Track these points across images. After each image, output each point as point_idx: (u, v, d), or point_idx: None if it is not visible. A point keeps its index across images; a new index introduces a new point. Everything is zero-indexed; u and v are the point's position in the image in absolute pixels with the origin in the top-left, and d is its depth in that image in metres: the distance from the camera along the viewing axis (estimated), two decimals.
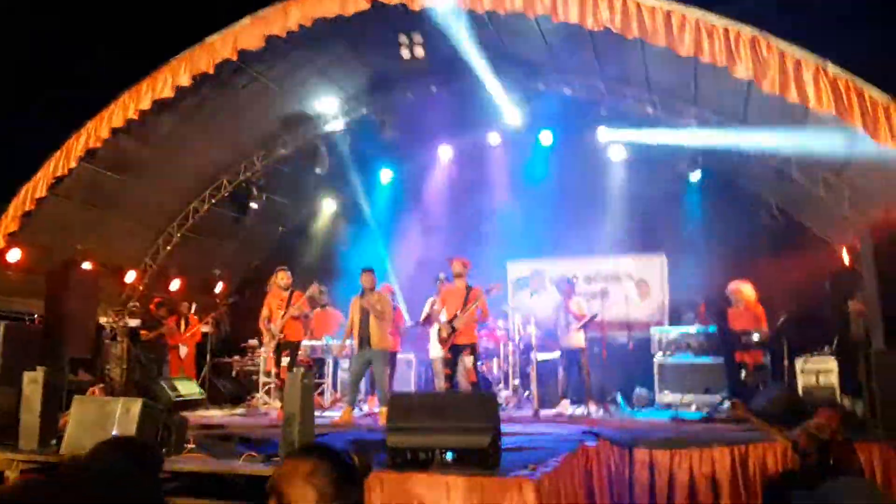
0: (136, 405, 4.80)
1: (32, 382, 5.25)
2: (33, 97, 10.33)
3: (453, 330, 7.83)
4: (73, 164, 8.90)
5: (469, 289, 8.03)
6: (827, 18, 8.03)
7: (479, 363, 8.17)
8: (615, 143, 10.18)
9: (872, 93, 6.35)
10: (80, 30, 10.29)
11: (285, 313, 8.15)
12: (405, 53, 8.82)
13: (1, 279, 9.45)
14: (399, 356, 9.76)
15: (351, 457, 1.96)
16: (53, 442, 5.11)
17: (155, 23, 10.08)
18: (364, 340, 7.79)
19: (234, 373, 11.33)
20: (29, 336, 9.01)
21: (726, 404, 7.36)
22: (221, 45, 8.29)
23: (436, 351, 8.83)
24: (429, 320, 9.10)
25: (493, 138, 11.24)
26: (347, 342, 8.33)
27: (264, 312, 8.34)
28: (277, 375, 8.26)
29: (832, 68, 6.48)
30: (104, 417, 4.79)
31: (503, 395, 9.12)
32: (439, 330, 8.03)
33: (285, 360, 8.14)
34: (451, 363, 7.91)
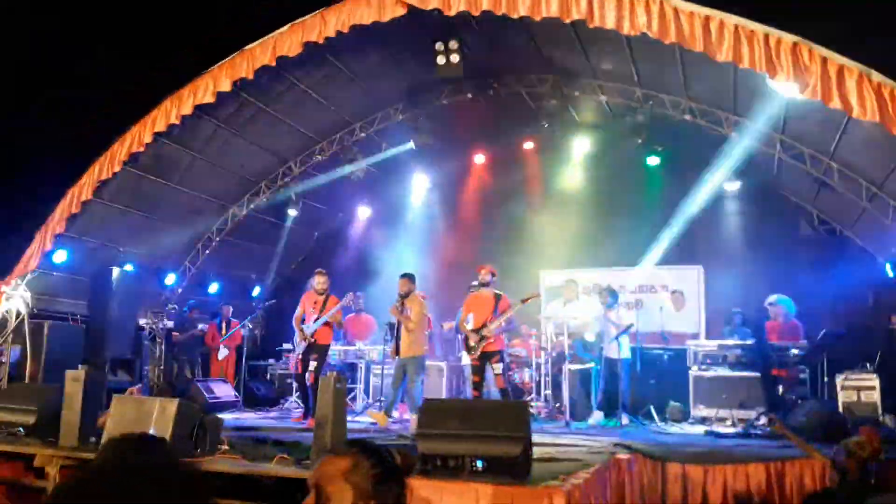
0: (173, 405, 4.89)
1: (74, 381, 5.38)
2: (38, 96, 10.51)
3: (482, 339, 7.81)
4: (117, 168, 9.12)
5: (498, 297, 8.01)
6: (864, 22, 7.85)
7: (507, 370, 8.12)
8: (652, 150, 10.05)
9: None
10: (80, 30, 10.46)
11: (318, 318, 8.21)
12: (441, 60, 8.86)
13: (47, 280, 9.73)
14: (430, 363, 9.77)
15: (393, 454, 1.97)
16: (93, 440, 5.23)
17: (156, 23, 10.23)
18: (396, 349, 7.88)
19: (268, 376, 11.48)
20: (72, 336, 9.30)
21: (762, 420, 7.22)
22: (261, 52, 8.43)
23: (467, 358, 8.81)
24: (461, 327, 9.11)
25: (528, 145, 11.22)
26: (385, 347, 8.43)
27: (298, 311, 8.43)
28: (301, 377, 8.27)
29: (876, 76, 6.33)
30: (142, 416, 4.89)
31: (535, 404, 9.06)
32: (466, 338, 8.00)
33: (313, 364, 8.14)
34: (479, 370, 7.88)
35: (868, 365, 7.56)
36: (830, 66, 6.46)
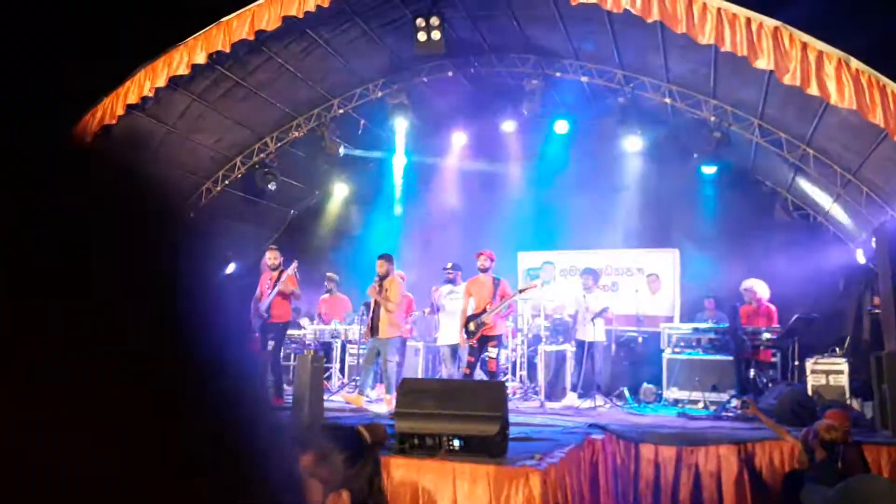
0: None
1: None
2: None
3: (482, 324, 7.80)
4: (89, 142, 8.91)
5: (497, 282, 8.00)
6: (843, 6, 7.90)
7: (497, 356, 8.10)
8: (631, 133, 10.07)
9: (895, 88, 6.27)
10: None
11: (272, 292, 7.98)
12: (422, 36, 8.75)
13: None
14: (408, 343, 9.75)
15: (361, 433, 1.94)
16: None
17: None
18: (373, 328, 7.78)
19: None
20: None
21: (734, 402, 7.33)
22: (238, 25, 8.27)
23: (444, 339, 8.82)
24: (435, 308, 9.11)
25: (508, 126, 11.16)
26: (358, 327, 8.31)
27: (256, 293, 8.16)
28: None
29: (855, 62, 6.40)
30: None
31: (510, 385, 9.11)
32: (467, 323, 7.97)
33: (270, 344, 7.80)
34: (476, 352, 7.86)
35: (837, 349, 7.70)
36: (810, 52, 6.51)
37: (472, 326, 7.84)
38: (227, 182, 11.46)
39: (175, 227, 0.45)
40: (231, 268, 12.74)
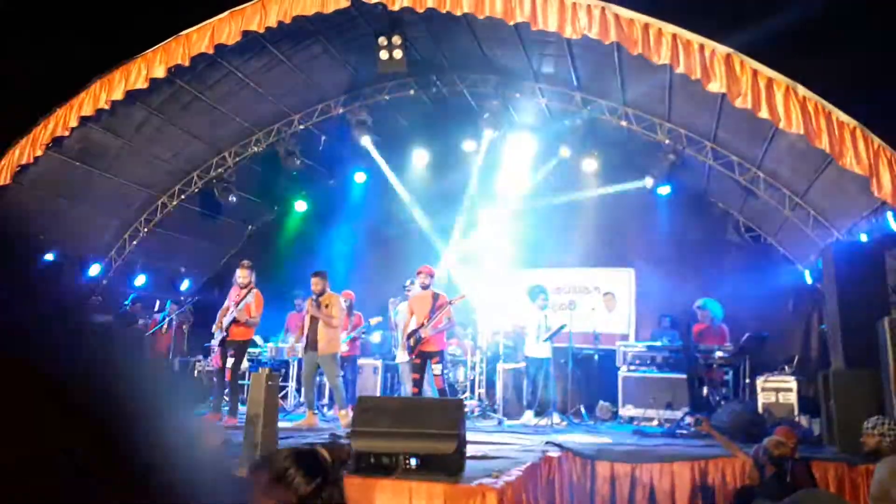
0: None
1: None
2: None
3: (420, 339, 7.82)
4: (38, 153, 8.70)
5: (436, 296, 8.04)
6: (798, 39, 8.24)
7: (445, 371, 8.15)
8: (588, 154, 10.24)
9: (840, 116, 6.52)
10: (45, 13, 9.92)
11: (232, 312, 7.75)
12: (384, 55, 8.79)
13: None
14: (363, 361, 9.69)
15: (319, 452, 1.91)
16: None
17: (124, 10, 9.77)
18: (311, 344, 7.70)
19: (196, 372, 11.14)
20: None
21: (688, 419, 7.45)
22: (198, 38, 8.19)
23: (402, 356, 8.80)
24: (392, 325, 9.10)
25: (468, 145, 11.24)
26: (298, 344, 8.25)
27: (225, 304, 8.01)
28: (221, 372, 7.85)
29: (802, 90, 6.64)
30: None
31: (469, 403, 9.11)
32: (408, 338, 8.00)
33: (230, 361, 7.71)
34: (419, 368, 7.89)
35: (786, 367, 7.90)
36: (760, 79, 6.73)
37: (411, 342, 7.87)
38: (183, 197, 11.28)
39: None
40: (185, 284, 12.50)
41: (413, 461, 4.12)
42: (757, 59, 6.83)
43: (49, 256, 9.62)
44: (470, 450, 4.56)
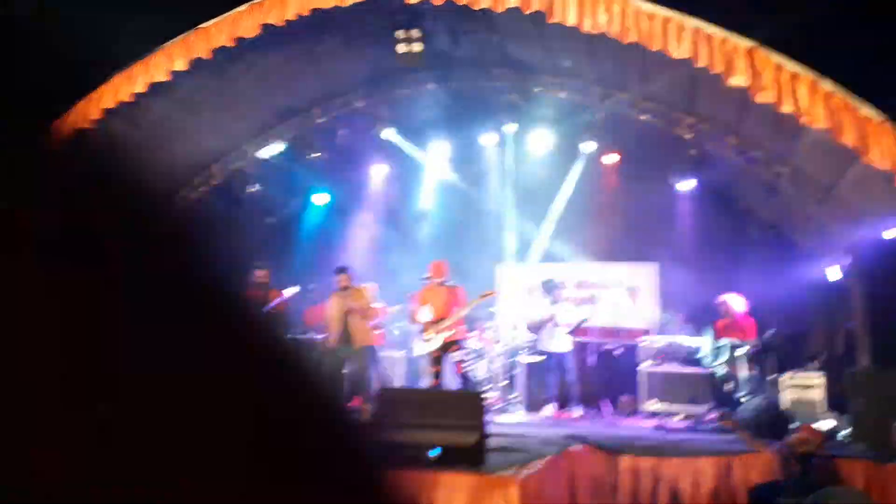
0: None
1: None
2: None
3: (441, 332, 7.81)
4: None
5: (453, 290, 8.04)
6: (822, 32, 8.10)
7: (465, 362, 8.14)
8: (609, 148, 10.16)
9: (866, 111, 6.39)
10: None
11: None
12: (402, 48, 8.76)
13: None
14: (384, 354, 9.69)
15: None
16: None
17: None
18: (344, 338, 7.74)
19: None
20: None
21: (711, 415, 7.37)
22: (217, 32, 8.21)
23: (420, 349, 8.80)
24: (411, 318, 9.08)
25: (488, 139, 11.20)
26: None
27: None
28: None
29: (826, 84, 6.52)
30: None
31: (490, 396, 9.08)
32: (424, 330, 8.00)
33: None
34: (438, 360, 7.89)
35: (812, 364, 7.78)
36: (784, 73, 6.62)
37: (431, 333, 7.85)
38: (204, 189, 11.33)
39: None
40: None
41: (435, 453, 4.11)
42: (781, 52, 6.73)
43: None
44: (491, 442, 4.54)
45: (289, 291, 8.27)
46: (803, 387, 7.42)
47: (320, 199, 12.66)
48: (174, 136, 10.16)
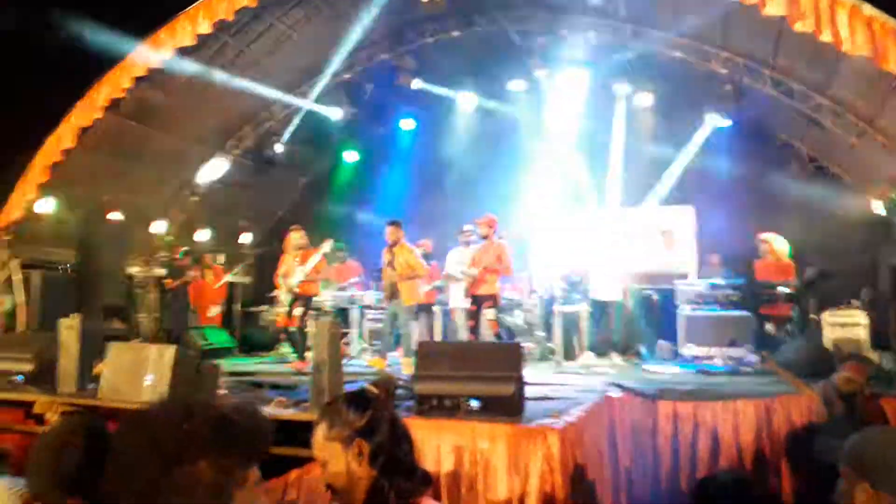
0: (170, 351, 4.89)
1: (69, 329, 5.36)
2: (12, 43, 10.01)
3: (472, 278, 7.92)
4: (97, 115, 8.91)
5: (496, 245, 8.11)
6: None
7: (501, 315, 8.22)
8: (642, 88, 9.92)
9: None
10: None
11: (303, 269, 8.17)
12: None
13: (34, 229, 9.59)
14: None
15: (367, 389, 2.09)
16: (91, 386, 5.25)
17: None
18: (390, 293, 7.90)
19: (261, 322, 11.49)
20: (63, 284, 9.25)
21: (751, 357, 7.35)
22: None
23: (455, 302, 8.90)
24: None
25: (516, 85, 11.00)
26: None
27: (280, 269, 8.36)
28: (299, 329, 8.28)
29: (868, 8, 6.23)
30: (139, 363, 4.89)
31: (526, 345, 9.16)
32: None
33: (297, 311, 8.15)
34: (473, 315, 7.99)
35: (855, 301, 7.66)
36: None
37: (466, 282, 7.93)
38: (237, 151, 11.45)
39: None
40: (247, 237, 12.81)
41: (474, 403, 4.20)
42: None
43: (115, 215, 9.97)
44: (529, 391, 4.61)
45: (325, 246, 8.42)
46: (846, 325, 7.32)
47: (350, 156, 12.68)
48: (203, 100, 10.23)
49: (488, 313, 7.94)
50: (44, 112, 9.42)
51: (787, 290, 8.09)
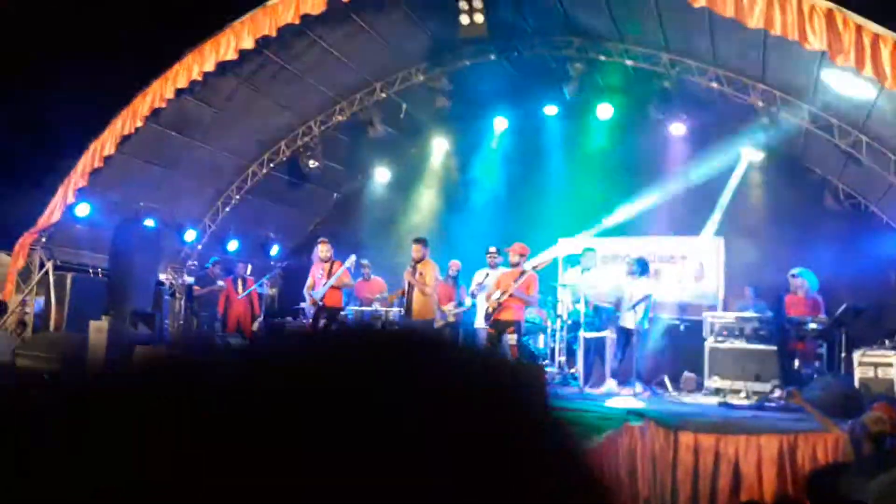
0: None
1: (98, 331, 5.49)
2: (59, 51, 10.35)
3: (497, 305, 7.89)
4: (139, 124, 9.15)
5: (524, 274, 8.08)
6: None
7: (523, 339, 8.16)
8: (676, 118, 9.89)
9: None
10: None
11: (327, 283, 8.36)
12: (464, 20, 8.71)
13: (70, 233, 9.84)
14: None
15: None
16: None
17: None
18: (407, 310, 7.98)
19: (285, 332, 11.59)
20: (94, 288, 9.45)
21: (777, 392, 7.21)
22: (284, 9, 8.36)
23: (479, 322, 8.89)
24: (472, 294, 9.17)
25: (551, 110, 11.06)
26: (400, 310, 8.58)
27: (308, 282, 8.61)
28: None
29: None
30: None
31: (549, 371, 9.10)
32: (487, 308, 8.12)
33: (322, 323, 8.32)
34: (494, 338, 7.94)
35: (887, 342, 7.49)
36: (865, 35, 6.31)
37: (489, 309, 7.90)
38: (272, 165, 11.64)
39: None
40: (275, 250, 12.97)
41: None
42: (861, 14, 6.40)
43: (150, 222, 10.19)
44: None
45: (348, 262, 8.60)
46: (877, 364, 7.16)
47: (382, 174, 12.82)
48: (241, 113, 10.45)
49: (510, 339, 7.91)
50: (86, 119, 9.72)
51: (817, 326, 7.94)
